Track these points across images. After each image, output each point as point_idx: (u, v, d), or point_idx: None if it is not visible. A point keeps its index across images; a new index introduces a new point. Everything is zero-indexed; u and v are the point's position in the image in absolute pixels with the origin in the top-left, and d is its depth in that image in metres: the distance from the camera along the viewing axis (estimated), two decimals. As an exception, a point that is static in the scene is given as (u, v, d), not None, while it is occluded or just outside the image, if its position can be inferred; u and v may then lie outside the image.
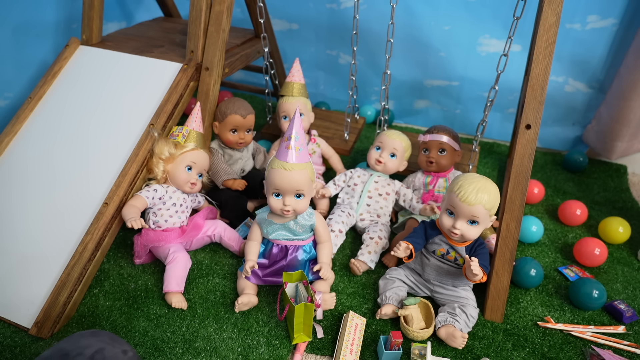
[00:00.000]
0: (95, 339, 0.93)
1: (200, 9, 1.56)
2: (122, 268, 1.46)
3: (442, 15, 2.02)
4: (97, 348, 0.90)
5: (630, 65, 1.79)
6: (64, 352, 0.89)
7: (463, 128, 2.23)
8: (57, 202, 1.40)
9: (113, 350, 0.92)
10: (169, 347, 1.22)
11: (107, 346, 0.91)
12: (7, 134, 1.53)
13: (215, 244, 1.56)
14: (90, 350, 0.89)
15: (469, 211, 1.19)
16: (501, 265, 1.29)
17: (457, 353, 1.23)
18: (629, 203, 1.86)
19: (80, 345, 0.90)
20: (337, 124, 2.04)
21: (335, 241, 1.52)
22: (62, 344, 0.92)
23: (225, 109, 1.61)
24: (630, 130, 1.91)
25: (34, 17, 1.80)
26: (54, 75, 1.64)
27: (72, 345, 0.90)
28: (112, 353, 0.91)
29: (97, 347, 0.90)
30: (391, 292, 1.33)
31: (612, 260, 1.57)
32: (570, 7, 1.78)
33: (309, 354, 1.23)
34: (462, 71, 2.13)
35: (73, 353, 0.88)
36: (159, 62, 1.63)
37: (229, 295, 1.38)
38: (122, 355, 0.92)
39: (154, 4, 2.22)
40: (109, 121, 1.53)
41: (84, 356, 0.88)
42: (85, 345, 0.90)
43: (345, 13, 2.16)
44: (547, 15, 1.23)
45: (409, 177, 1.72)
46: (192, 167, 1.48)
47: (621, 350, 1.25)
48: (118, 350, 0.92)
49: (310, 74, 2.39)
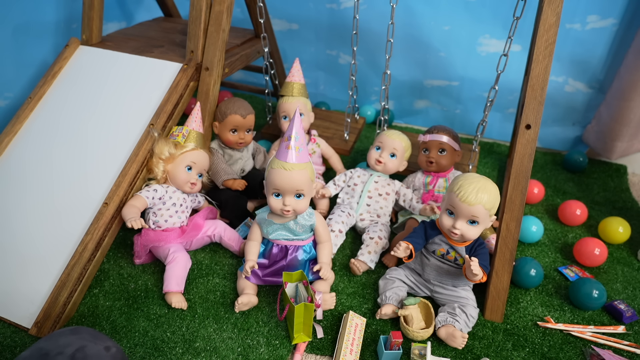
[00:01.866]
0: (75, 336, 0.90)
1: (200, 9, 1.56)
2: (122, 268, 1.46)
3: (442, 15, 2.02)
4: (77, 346, 0.87)
5: (630, 65, 1.79)
6: (44, 351, 0.85)
7: (463, 128, 2.23)
8: (57, 202, 1.40)
9: (95, 347, 0.88)
10: (169, 347, 1.22)
11: (88, 343, 0.88)
12: (7, 134, 1.53)
13: (215, 244, 1.56)
14: (71, 349, 0.86)
15: (469, 211, 1.19)
16: (501, 265, 1.29)
17: (457, 353, 1.23)
18: (629, 203, 1.86)
19: (60, 344, 0.87)
20: (337, 124, 2.04)
21: (335, 241, 1.52)
22: (41, 342, 0.88)
23: (225, 109, 1.61)
24: (630, 130, 1.91)
25: (34, 17, 1.80)
26: (54, 75, 1.64)
27: (52, 344, 0.87)
28: (94, 351, 0.88)
29: (78, 345, 0.87)
30: (391, 292, 1.33)
31: (612, 260, 1.57)
32: (570, 7, 1.78)
33: (309, 354, 1.23)
34: (462, 71, 2.13)
35: (53, 352, 0.85)
36: (159, 62, 1.63)
37: (229, 295, 1.38)
38: (105, 351, 0.89)
39: (154, 4, 2.22)
40: (108, 121, 1.53)
41: (64, 355, 0.85)
42: (66, 343, 0.87)
43: (345, 13, 2.16)
44: (547, 15, 1.23)
45: (409, 177, 1.72)
46: (192, 167, 1.48)
47: (621, 350, 1.25)
48: (100, 347, 0.89)
49: (310, 74, 2.39)
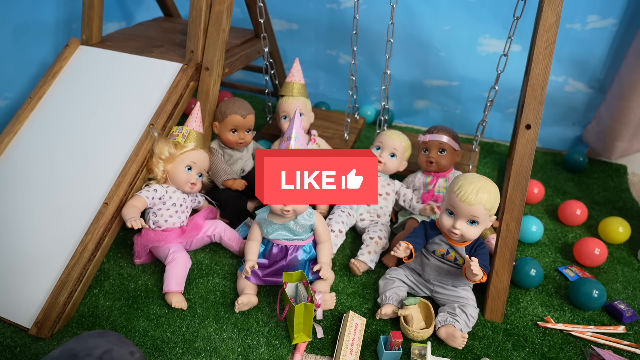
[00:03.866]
0: (103, 339, 0.93)
1: (200, 9, 1.56)
2: (122, 268, 1.46)
3: (442, 15, 2.02)
4: (105, 349, 0.90)
5: (630, 65, 1.79)
6: (73, 352, 0.88)
7: (463, 128, 2.23)
8: (57, 202, 1.40)
9: (121, 351, 0.92)
10: (169, 347, 1.22)
11: (115, 347, 0.91)
12: (7, 134, 1.53)
13: (215, 244, 1.56)
14: (99, 351, 0.89)
15: (469, 211, 1.19)
16: (501, 265, 1.29)
17: (457, 353, 1.23)
18: (629, 203, 1.86)
19: (88, 345, 0.90)
20: (337, 124, 2.04)
21: (335, 241, 1.52)
22: (71, 344, 0.92)
23: (225, 109, 1.61)
24: (630, 130, 1.91)
25: (34, 17, 1.80)
26: (54, 75, 1.64)
27: (80, 346, 0.90)
28: (119, 354, 0.91)
29: (105, 347, 0.90)
30: (391, 292, 1.33)
31: (612, 260, 1.57)
32: (570, 7, 1.78)
33: (309, 354, 1.23)
34: (462, 71, 2.13)
35: (82, 354, 0.88)
36: (159, 62, 1.63)
37: (229, 295, 1.38)
38: (130, 356, 0.92)
39: (154, 4, 2.22)
40: (108, 121, 1.53)
41: (92, 357, 0.88)
42: (94, 345, 0.90)
43: (345, 13, 2.16)
44: (547, 15, 1.23)
45: (409, 177, 1.72)
46: (192, 167, 1.48)
47: (621, 350, 1.25)
48: (125, 352, 0.92)
49: (310, 74, 2.39)
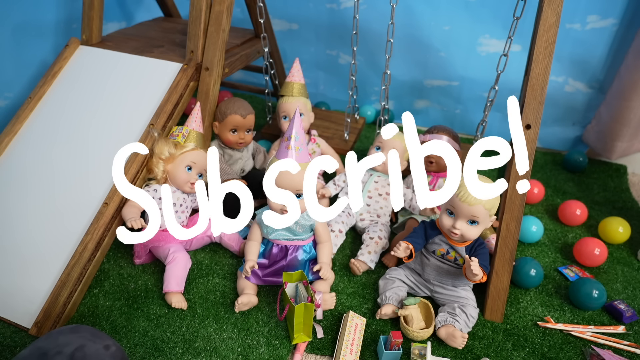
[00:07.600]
0: (75, 335, 0.88)
1: (200, 9, 1.56)
2: (122, 268, 1.46)
3: (442, 15, 2.02)
4: (77, 345, 0.85)
5: (630, 65, 1.79)
6: (42, 350, 0.84)
7: (463, 128, 2.23)
8: (57, 202, 1.40)
9: (94, 346, 0.87)
10: (169, 347, 1.22)
11: (87, 342, 0.87)
12: (7, 134, 1.53)
13: (215, 244, 1.56)
14: (70, 348, 0.84)
15: (468, 211, 1.19)
16: (501, 265, 1.29)
17: (457, 353, 1.23)
18: (629, 203, 1.86)
19: (59, 343, 0.86)
20: (337, 124, 2.04)
21: (335, 241, 1.52)
22: (40, 342, 0.87)
23: (225, 109, 1.61)
24: (630, 130, 1.91)
25: (34, 17, 1.80)
26: (54, 75, 1.64)
27: (50, 344, 0.85)
28: (93, 350, 0.86)
29: (77, 344, 0.86)
30: (391, 292, 1.33)
31: (612, 260, 1.57)
32: (570, 7, 1.78)
33: (309, 354, 1.23)
34: (462, 71, 2.13)
35: (52, 352, 0.83)
36: (159, 62, 1.63)
37: (229, 295, 1.38)
38: (104, 350, 0.88)
39: (154, 4, 2.22)
40: (109, 121, 1.53)
41: (63, 355, 0.83)
42: (65, 342, 0.86)
43: (345, 13, 2.16)
44: (547, 15, 1.23)
45: (409, 177, 1.72)
46: (192, 167, 1.48)
47: (621, 350, 1.25)
48: (99, 346, 0.88)
49: (310, 74, 2.39)
